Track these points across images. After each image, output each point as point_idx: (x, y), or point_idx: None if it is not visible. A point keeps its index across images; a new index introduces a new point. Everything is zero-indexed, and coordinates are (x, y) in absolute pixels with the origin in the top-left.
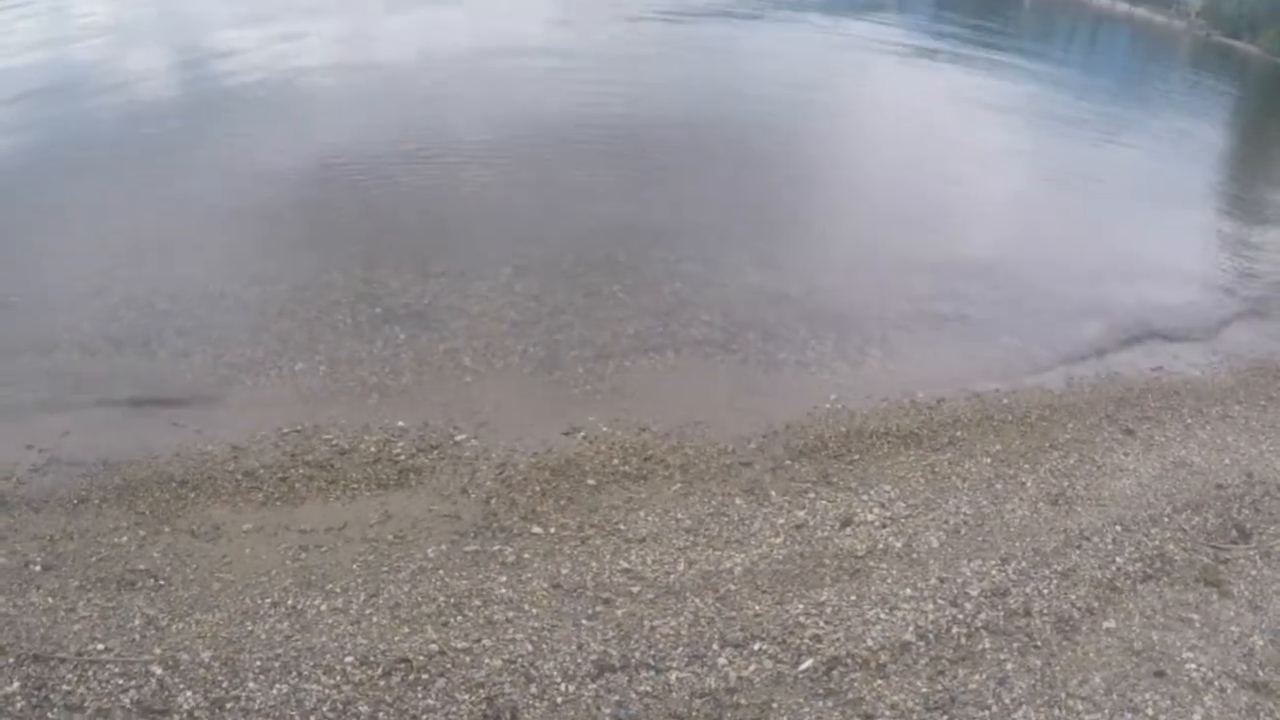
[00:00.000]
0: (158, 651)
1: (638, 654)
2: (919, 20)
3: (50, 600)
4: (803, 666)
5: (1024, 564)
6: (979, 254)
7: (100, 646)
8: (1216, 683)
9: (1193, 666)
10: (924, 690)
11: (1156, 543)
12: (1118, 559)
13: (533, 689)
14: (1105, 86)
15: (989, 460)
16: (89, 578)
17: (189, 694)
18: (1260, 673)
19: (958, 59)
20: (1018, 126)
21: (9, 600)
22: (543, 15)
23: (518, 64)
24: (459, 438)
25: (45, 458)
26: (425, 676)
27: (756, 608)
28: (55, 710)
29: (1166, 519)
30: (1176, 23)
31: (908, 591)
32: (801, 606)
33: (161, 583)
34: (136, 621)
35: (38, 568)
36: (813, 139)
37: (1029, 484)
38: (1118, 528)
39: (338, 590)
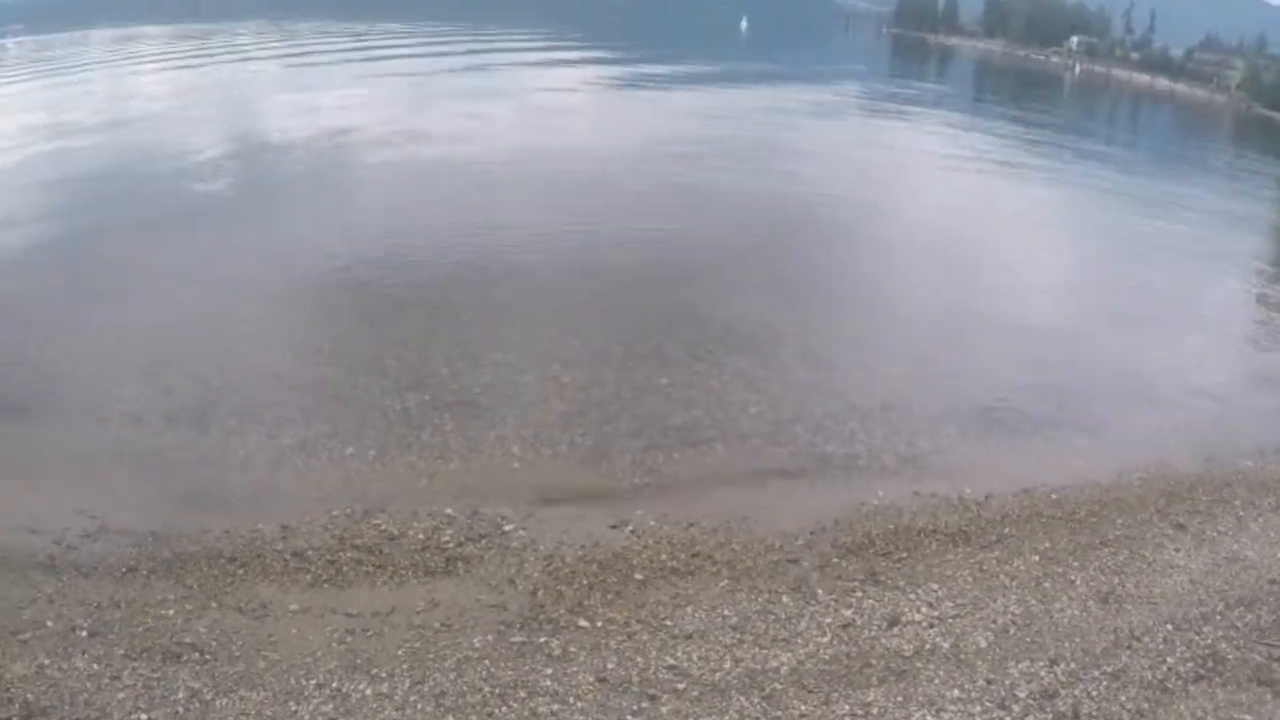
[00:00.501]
0: None
1: None
2: (960, 105)
3: (95, 667)
4: None
5: (1073, 665)
6: (1025, 346)
7: (144, 717)
8: None
9: None
10: None
11: (1208, 641)
12: (1169, 659)
13: None
14: (1149, 161)
15: (1037, 558)
16: (134, 647)
17: None
18: None
19: (1003, 141)
20: (1063, 205)
21: (54, 663)
22: (592, 108)
23: (570, 155)
24: (507, 527)
25: (96, 525)
26: None
27: (803, 708)
28: None
29: (1219, 616)
30: (1218, 97)
31: (955, 693)
32: (848, 708)
33: (207, 657)
34: (180, 694)
35: (84, 633)
36: (861, 234)
37: (1078, 582)
38: (1169, 626)
39: (383, 675)
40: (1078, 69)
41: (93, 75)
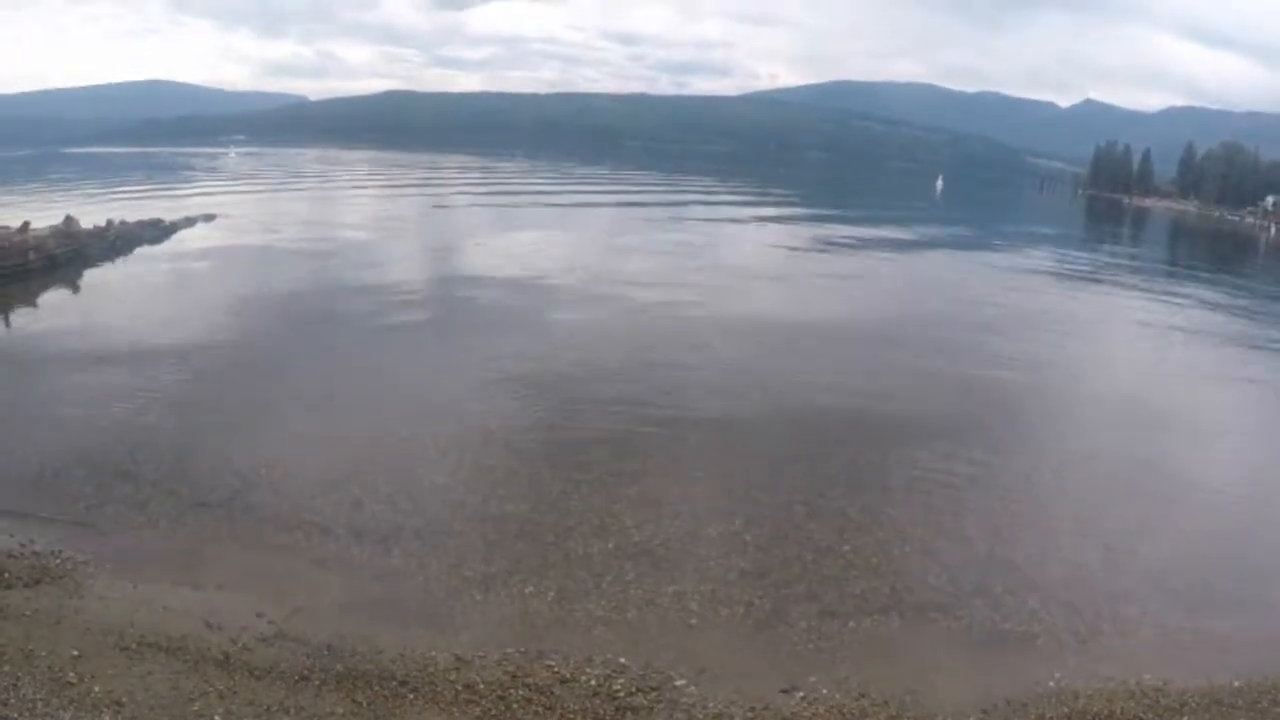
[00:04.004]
0: None
1: None
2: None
3: None
4: None
5: None
6: (1212, 518)
7: None
8: None
9: None
10: None
11: None
12: None
13: None
14: None
15: None
16: None
17: None
18: None
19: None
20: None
21: None
22: (786, 270)
23: (763, 315)
24: (678, 683)
25: (273, 630)
26: None
27: None
28: None
29: None
30: None
31: None
32: None
33: None
34: None
35: None
36: (1052, 401)
37: None
38: None
39: None
40: (1273, 229)
41: (301, 192)
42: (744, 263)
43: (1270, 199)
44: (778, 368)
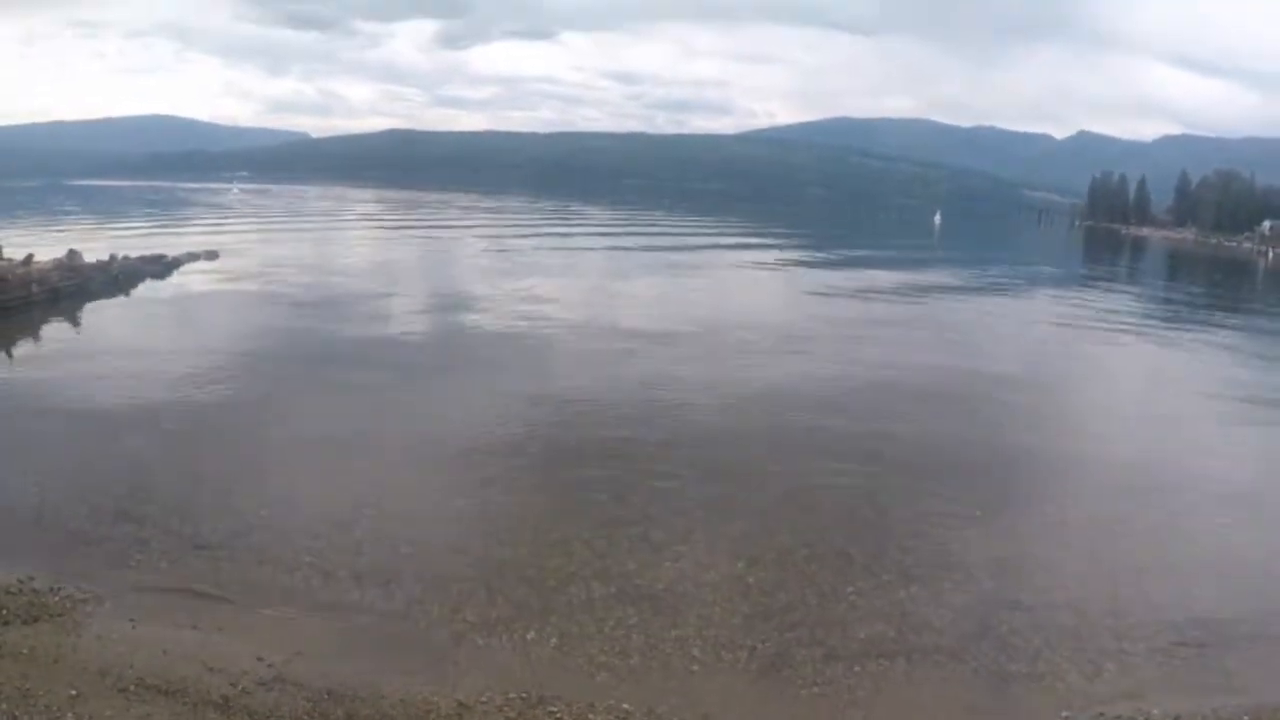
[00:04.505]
0: None
1: None
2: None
3: None
4: None
5: None
6: (1219, 552)
7: None
8: None
9: None
10: None
11: None
12: None
13: None
14: None
15: None
16: None
17: None
18: None
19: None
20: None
21: None
22: (792, 313)
23: (756, 338)
24: None
25: (273, 673)
26: None
27: None
28: None
29: None
30: None
31: None
32: None
33: None
34: None
35: None
36: (1048, 430)
37: None
38: None
39: None
40: (1270, 254)
41: (304, 230)
42: (744, 304)
43: (1267, 223)
44: (779, 411)
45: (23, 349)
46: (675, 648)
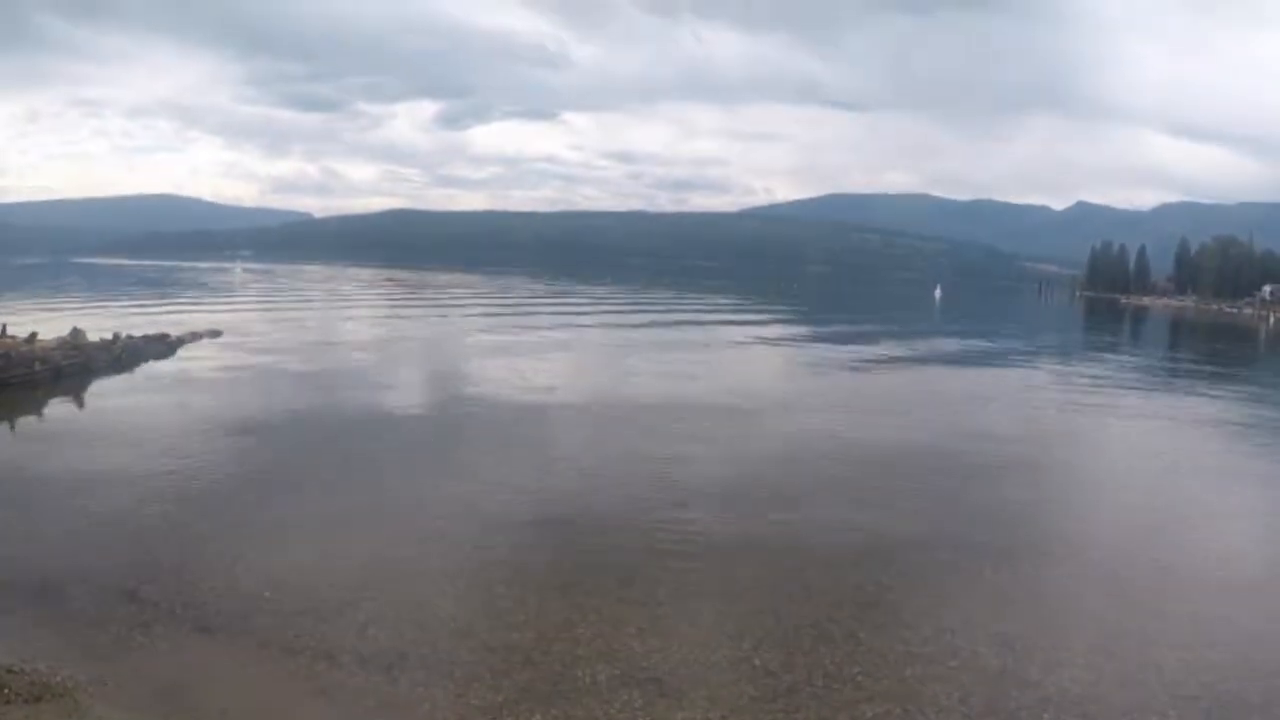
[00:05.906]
0: None
1: None
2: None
3: None
4: None
5: None
6: (1229, 622)
7: None
8: None
9: None
10: None
11: None
12: None
13: None
14: None
15: None
16: None
17: None
18: None
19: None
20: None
21: None
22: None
23: (760, 413)
24: None
25: None
26: None
27: None
28: None
29: None
30: None
31: None
32: None
33: None
34: None
35: None
36: (1049, 500)
37: None
38: None
39: None
40: (1272, 319)
41: (308, 310)
42: (753, 383)
43: (1267, 288)
44: (784, 492)
45: (25, 426)
46: None
